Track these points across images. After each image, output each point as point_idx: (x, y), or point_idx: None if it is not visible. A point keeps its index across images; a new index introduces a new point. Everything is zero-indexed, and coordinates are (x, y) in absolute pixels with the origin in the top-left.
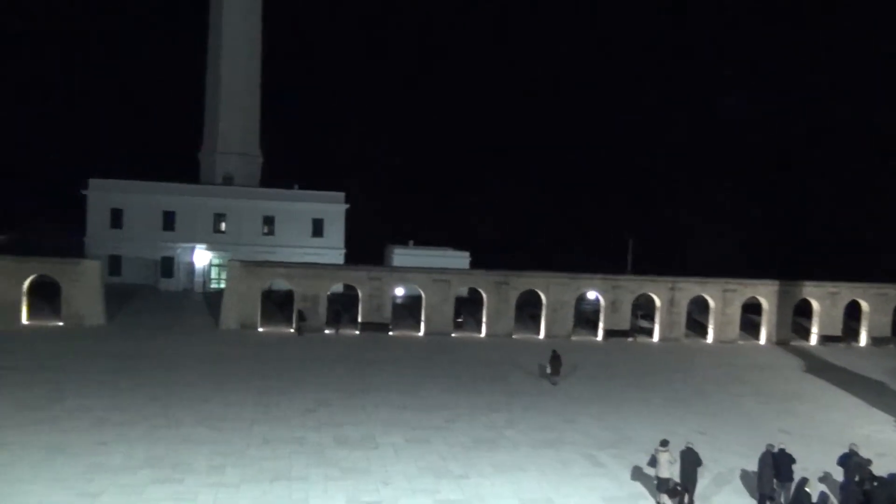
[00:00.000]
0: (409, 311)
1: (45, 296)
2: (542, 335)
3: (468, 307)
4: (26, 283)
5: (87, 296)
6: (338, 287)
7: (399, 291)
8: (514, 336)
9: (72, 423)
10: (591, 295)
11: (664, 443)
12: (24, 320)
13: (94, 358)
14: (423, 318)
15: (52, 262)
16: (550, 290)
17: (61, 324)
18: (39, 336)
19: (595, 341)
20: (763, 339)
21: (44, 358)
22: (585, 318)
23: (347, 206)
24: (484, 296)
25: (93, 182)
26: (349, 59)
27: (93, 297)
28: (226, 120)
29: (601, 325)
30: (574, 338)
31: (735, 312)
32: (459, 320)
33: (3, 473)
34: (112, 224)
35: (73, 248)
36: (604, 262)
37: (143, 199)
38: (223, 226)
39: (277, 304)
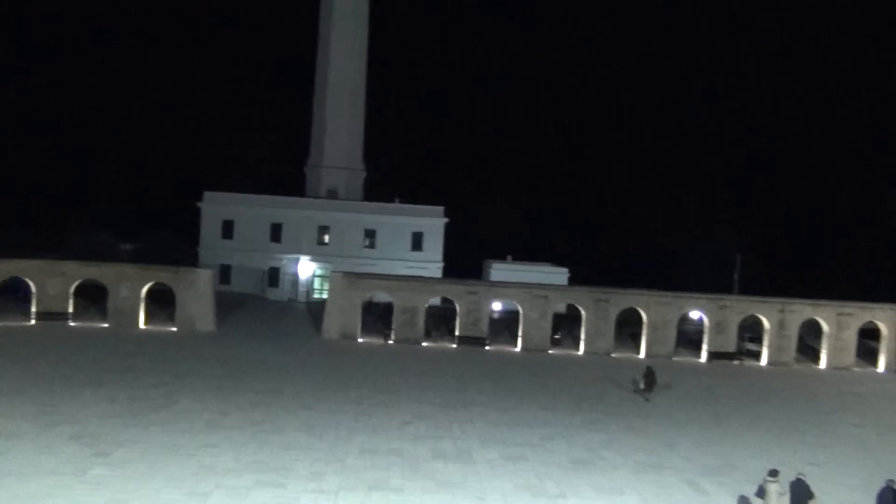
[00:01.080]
0: (506, 326)
1: (161, 302)
2: (642, 354)
3: (566, 324)
4: (144, 290)
5: (199, 303)
6: (436, 300)
7: (496, 306)
8: (613, 355)
9: (185, 425)
10: (695, 314)
11: (773, 472)
12: (142, 324)
13: (204, 363)
14: (520, 333)
15: (167, 270)
16: (652, 309)
17: (174, 329)
18: (154, 340)
19: (698, 363)
20: (882, 367)
21: (159, 361)
22: (688, 338)
23: (447, 220)
24: (582, 313)
25: (207, 195)
26: (447, 78)
27: (204, 304)
28: (331, 136)
29: (705, 346)
30: (675, 358)
31: (851, 337)
32: (557, 337)
33: (124, 469)
34: (223, 235)
35: (188, 257)
36: (707, 279)
37: (252, 211)
38: (326, 238)
39: (377, 316)
